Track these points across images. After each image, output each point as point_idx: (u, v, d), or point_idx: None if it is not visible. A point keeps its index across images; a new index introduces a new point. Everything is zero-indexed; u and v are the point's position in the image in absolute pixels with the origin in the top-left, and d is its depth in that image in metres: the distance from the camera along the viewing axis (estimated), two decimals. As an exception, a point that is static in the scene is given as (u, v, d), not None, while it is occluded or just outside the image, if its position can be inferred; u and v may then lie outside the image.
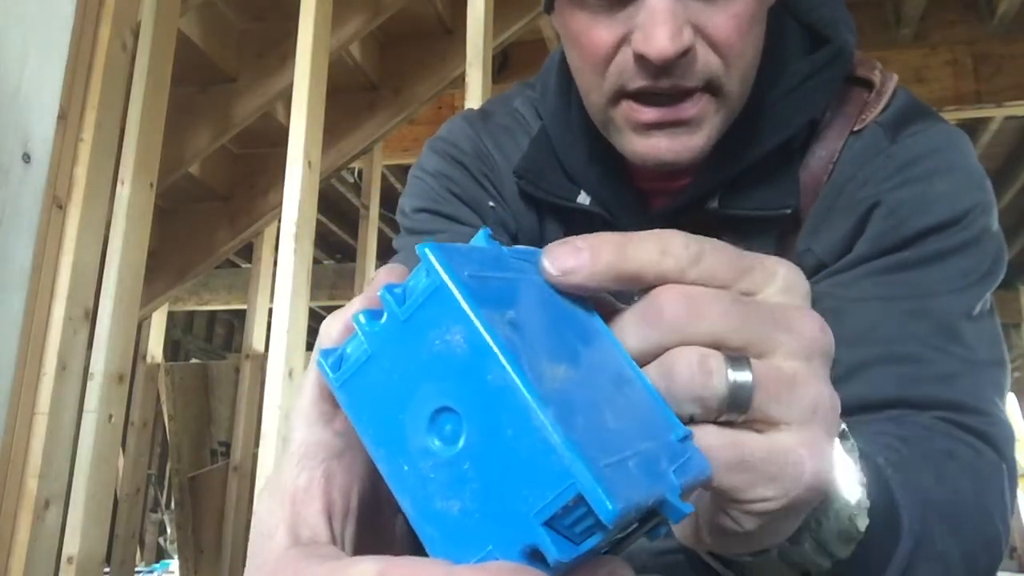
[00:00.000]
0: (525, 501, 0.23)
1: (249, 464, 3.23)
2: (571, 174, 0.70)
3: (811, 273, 0.63)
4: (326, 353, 0.28)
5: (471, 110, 0.82)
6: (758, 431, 0.29)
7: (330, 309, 7.35)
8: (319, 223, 3.10)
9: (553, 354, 0.26)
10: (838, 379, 0.53)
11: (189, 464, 3.63)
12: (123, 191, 1.95)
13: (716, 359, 0.28)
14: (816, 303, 0.46)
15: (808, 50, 0.67)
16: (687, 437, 0.28)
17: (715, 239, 0.29)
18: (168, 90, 2.10)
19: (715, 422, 0.28)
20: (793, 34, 0.67)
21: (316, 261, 3.32)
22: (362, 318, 0.27)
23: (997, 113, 4.11)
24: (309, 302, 1.97)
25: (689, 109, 0.58)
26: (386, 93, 3.13)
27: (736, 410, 0.28)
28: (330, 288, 5.86)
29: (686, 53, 0.55)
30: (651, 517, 0.26)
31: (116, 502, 2.62)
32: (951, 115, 3.91)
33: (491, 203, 0.74)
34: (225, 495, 3.37)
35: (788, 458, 0.28)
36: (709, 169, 0.64)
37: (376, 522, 0.32)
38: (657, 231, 0.29)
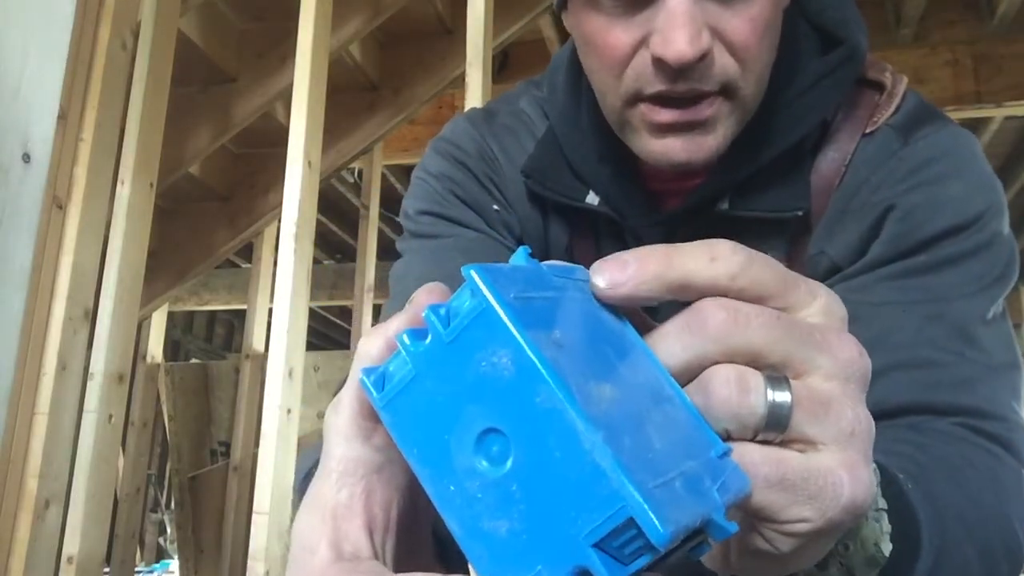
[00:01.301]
0: (574, 523, 0.23)
1: (249, 464, 3.23)
2: (580, 174, 0.69)
3: (824, 276, 0.63)
4: (368, 371, 0.28)
5: (475, 109, 0.81)
6: (797, 451, 0.28)
7: (330, 309, 7.35)
8: (319, 223, 3.10)
9: (598, 373, 0.26)
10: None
11: (189, 464, 3.63)
12: (123, 191, 1.95)
13: (755, 378, 0.28)
14: None
15: (820, 51, 0.66)
16: (726, 453, 0.28)
17: (762, 253, 0.30)
18: (168, 90, 2.10)
19: (753, 440, 0.28)
20: (805, 35, 0.67)
21: (316, 261, 3.32)
22: (406, 338, 0.27)
23: (997, 113, 4.10)
24: (309, 302, 1.97)
25: (705, 111, 0.58)
26: (386, 93, 3.12)
27: (774, 429, 0.28)
28: (330, 288, 5.86)
29: (704, 57, 0.55)
30: (695, 535, 0.26)
31: (116, 502, 2.62)
32: (951, 115, 3.90)
33: (495, 206, 0.73)
34: (225, 495, 3.37)
35: (828, 479, 0.28)
36: (721, 170, 0.63)
37: (412, 534, 0.33)
38: (707, 241, 0.29)
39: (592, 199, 0.68)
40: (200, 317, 7.33)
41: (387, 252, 6.00)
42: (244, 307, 3.53)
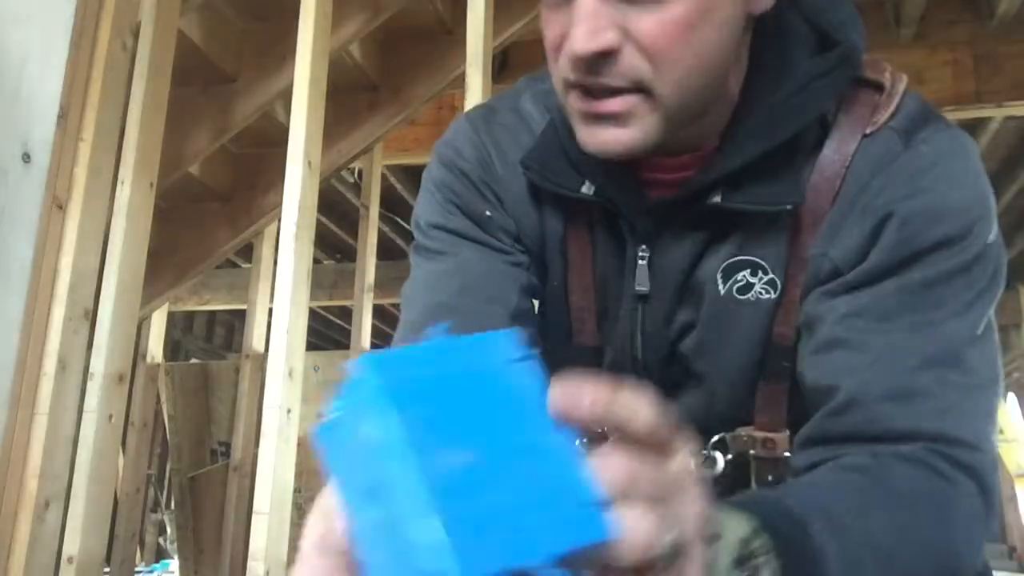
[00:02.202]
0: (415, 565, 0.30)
1: (249, 464, 3.23)
2: (576, 164, 0.70)
3: (826, 278, 0.65)
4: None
5: (477, 108, 0.83)
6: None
7: (330, 309, 7.34)
8: (319, 223, 3.10)
9: (460, 439, 0.31)
10: (838, 408, 0.61)
11: (189, 464, 3.63)
12: (123, 191, 1.95)
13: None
14: (827, 328, 0.60)
15: (817, 51, 0.67)
16: (596, 504, 0.32)
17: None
18: (168, 90, 2.10)
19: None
20: (802, 35, 0.68)
21: (316, 261, 3.31)
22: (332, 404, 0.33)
23: (997, 113, 4.10)
24: (309, 302, 1.97)
25: (611, 105, 0.60)
26: (386, 93, 3.12)
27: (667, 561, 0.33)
28: (330, 288, 5.86)
29: (607, 55, 0.58)
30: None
31: (116, 502, 2.62)
32: (951, 115, 3.91)
33: (488, 212, 0.75)
34: (225, 495, 3.37)
35: None
36: (712, 163, 0.65)
37: None
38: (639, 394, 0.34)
39: (587, 189, 0.70)
40: (200, 317, 7.33)
41: (387, 252, 6.02)
42: (244, 307, 3.53)
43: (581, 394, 0.33)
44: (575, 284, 0.75)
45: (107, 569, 2.02)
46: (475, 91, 1.94)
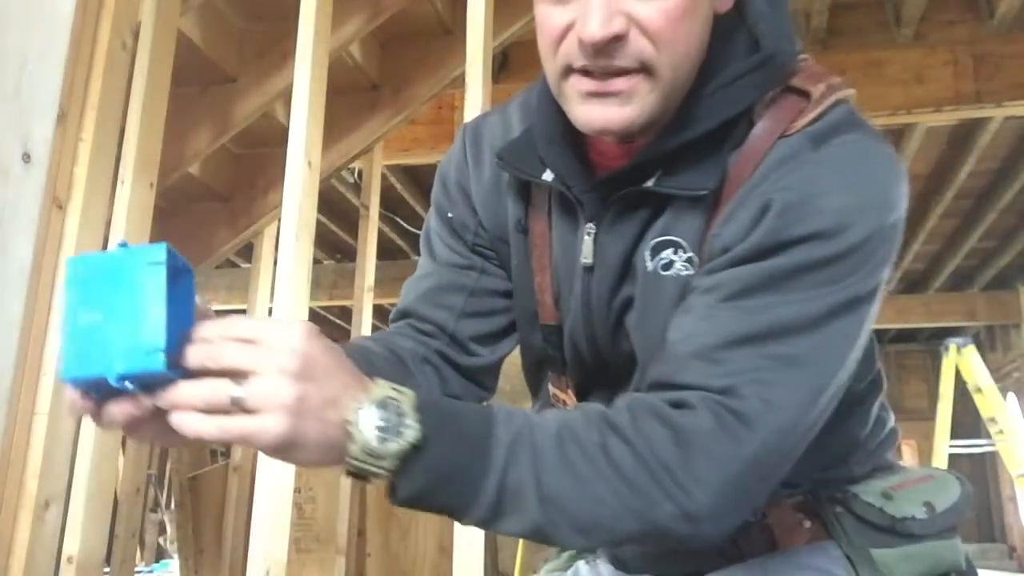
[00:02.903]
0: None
1: (249, 464, 3.23)
2: (540, 154, 0.80)
3: (716, 255, 0.71)
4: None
5: (480, 115, 0.96)
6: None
7: (330, 309, 7.34)
8: (319, 223, 3.10)
9: (96, 304, 0.57)
10: (658, 359, 0.71)
11: (189, 464, 3.63)
12: (123, 191, 1.95)
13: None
14: (690, 298, 0.71)
15: (749, 55, 0.74)
16: (160, 350, 0.55)
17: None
18: (168, 90, 2.10)
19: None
20: (741, 39, 0.75)
21: (316, 261, 3.32)
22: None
23: (997, 113, 4.10)
24: (309, 302, 1.97)
25: (618, 83, 0.69)
26: (386, 93, 3.12)
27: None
28: (330, 288, 5.87)
29: (618, 39, 0.67)
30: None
31: (116, 502, 2.62)
32: (951, 115, 3.91)
33: (449, 214, 0.90)
34: (225, 495, 3.37)
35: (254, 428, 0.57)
36: (647, 147, 0.74)
37: None
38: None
39: (548, 176, 0.79)
40: (200, 317, 7.32)
41: (387, 252, 6.01)
42: (244, 307, 3.53)
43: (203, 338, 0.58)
44: (536, 266, 0.84)
45: (107, 569, 2.01)
46: (475, 91, 1.94)
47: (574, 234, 0.80)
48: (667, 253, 0.74)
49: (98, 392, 0.57)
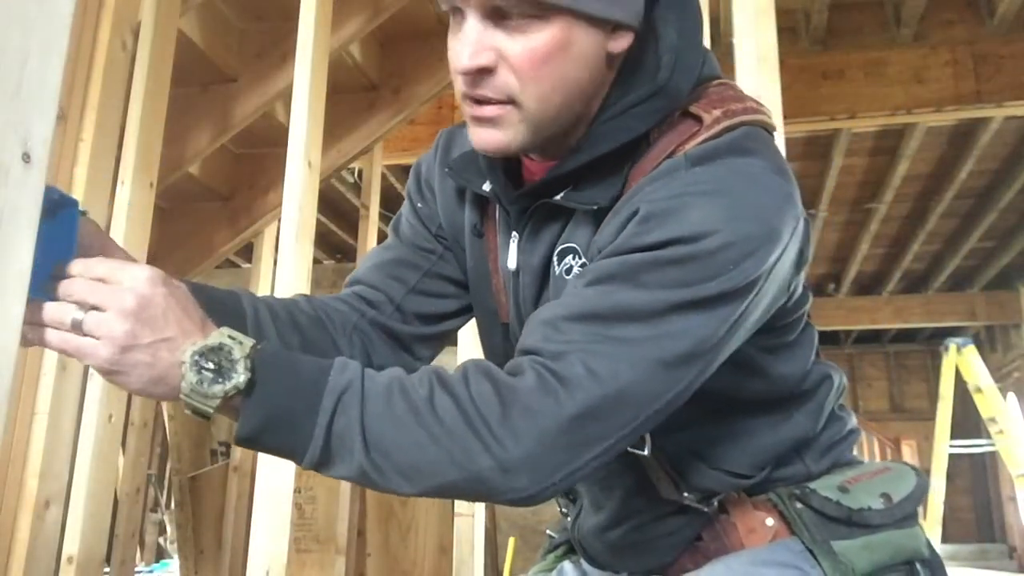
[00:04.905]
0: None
1: (249, 464, 3.23)
2: (482, 166, 0.87)
3: (594, 256, 0.77)
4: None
5: (461, 123, 0.97)
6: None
7: (330, 309, 7.34)
8: (319, 223, 3.10)
9: (52, 253, 0.70)
10: (523, 331, 0.77)
11: (189, 464, 3.63)
12: (123, 191, 1.95)
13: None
14: (569, 284, 0.78)
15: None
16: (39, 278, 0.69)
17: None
18: (168, 90, 2.10)
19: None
20: (650, 69, 0.79)
21: (316, 261, 3.31)
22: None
23: (997, 113, 4.11)
24: (309, 302, 1.97)
25: (488, 111, 0.76)
26: (386, 93, 3.13)
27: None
28: (330, 288, 5.85)
29: (486, 71, 0.74)
30: None
31: (116, 502, 2.62)
32: (951, 115, 3.92)
33: (419, 204, 0.98)
34: (225, 495, 3.37)
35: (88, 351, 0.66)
36: (555, 167, 0.81)
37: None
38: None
39: (487, 187, 0.86)
40: (200, 317, 7.32)
41: (387, 252, 6.02)
42: (244, 307, 3.53)
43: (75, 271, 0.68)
44: (493, 267, 0.90)
45: (107, 569, 2.02)
46: (475, 91, 1.94)
47: (507, 241, 0.87)
48: (568, 259, 0.81)
49: None
